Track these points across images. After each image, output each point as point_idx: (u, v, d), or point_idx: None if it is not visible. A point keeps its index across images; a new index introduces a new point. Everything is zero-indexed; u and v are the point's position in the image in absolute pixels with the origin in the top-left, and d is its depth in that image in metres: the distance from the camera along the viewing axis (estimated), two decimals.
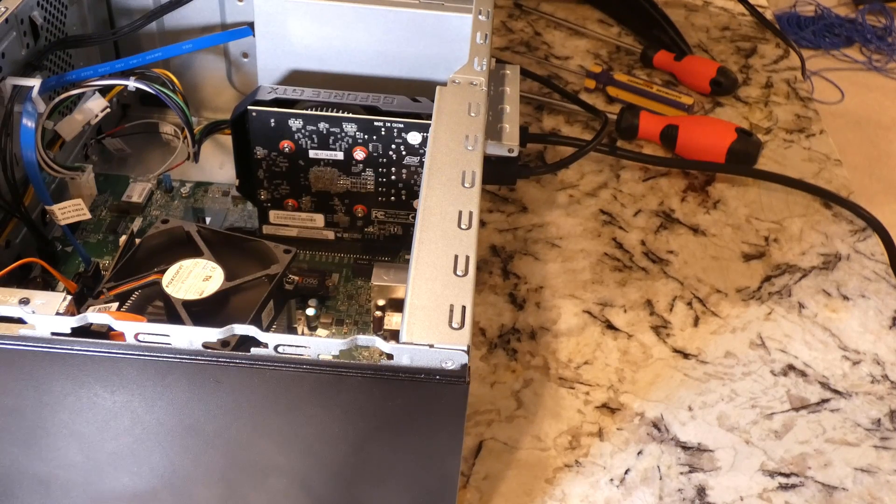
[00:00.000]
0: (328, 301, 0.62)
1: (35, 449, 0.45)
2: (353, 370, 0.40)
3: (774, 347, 0.64)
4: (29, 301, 0.47)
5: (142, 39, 0.71)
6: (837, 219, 0.75)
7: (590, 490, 0.55)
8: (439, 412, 0.42)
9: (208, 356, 0.40)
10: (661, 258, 0.71)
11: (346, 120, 0.59)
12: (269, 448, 0.45)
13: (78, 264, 0.62)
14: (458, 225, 0.45)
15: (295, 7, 0.64)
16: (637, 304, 0.67)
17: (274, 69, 0.67)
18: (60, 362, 0.41)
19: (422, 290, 0.42)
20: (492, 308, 0.66)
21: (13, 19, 0.59)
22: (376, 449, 0.44)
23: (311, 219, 0.64)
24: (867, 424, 0.59)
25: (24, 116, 0.57)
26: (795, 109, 0.88)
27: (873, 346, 0.65)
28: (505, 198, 0.75)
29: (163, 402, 0.42)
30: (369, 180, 0.61)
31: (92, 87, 0.62)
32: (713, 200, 0.76)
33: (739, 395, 0.61)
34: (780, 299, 0.68)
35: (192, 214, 0.68)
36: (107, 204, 0.68)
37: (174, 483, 0.47)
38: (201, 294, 0.51)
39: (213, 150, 0.73)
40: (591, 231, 0.73)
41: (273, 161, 0.61)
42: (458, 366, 0.40)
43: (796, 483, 0.56)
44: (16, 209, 0.59)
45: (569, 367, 0.62)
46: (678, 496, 0.55)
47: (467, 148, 0.50)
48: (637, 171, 0.79)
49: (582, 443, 0.57)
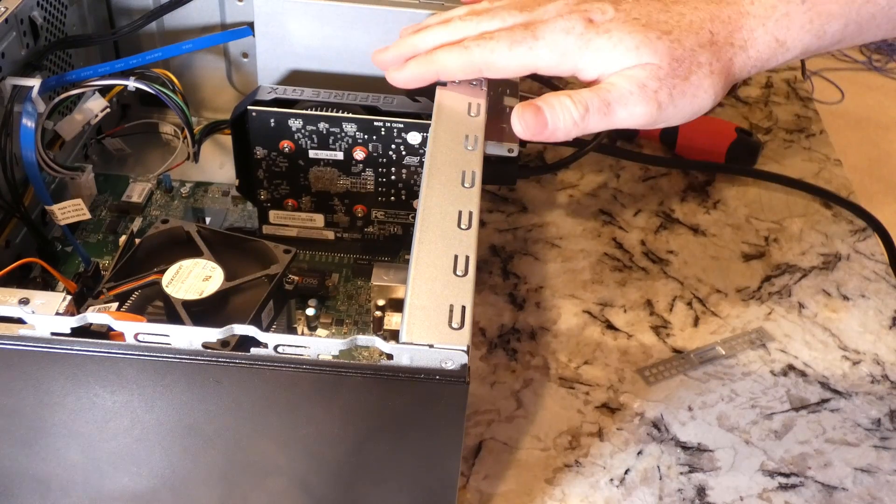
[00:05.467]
0: (328, 301, 0.62)
1: (35, 449, 0.45)
2: (352, 370, 0.40)
3: (774, 347, 0.64)
4: (29, 301, 0.47)
5: (142, 39, 0.71)
6: (837, 219, 0.75)
7: (590, 490, 0.55)
8: (439, 412, 0.42)
9: (208, 356, 0.40)
10: (661, 258, 0.71)
11: (345, 120, 0.59)
12: (268, 448, 0.45)
13: (78, 264, 0.62)
14: (458, 225, 0.45)
15: (295, 7, 0.64)
16: (637, 304, 0.67)
17: (274, 69, 0.67)
18: (60, 362, 0.41)
19: (421, 290, 0.42)
20: (492, 308, 0.66)
21: (13, 19, 0.59)
22: (376, 449, 0.44)
23: (310, 219, 0.64)
24: (867, 424, 0.59)
25: (24, 116, 0.57)
26: (795, 109, 0.88)
27: (873, 346, 0.65)
28: (505, 198, 0.75)
29: (162, 403, 0.42)
30: (369, 180, 0.61)
31: (92, 87, 0.62)
32: (713, 200, 0.76)
33: (739, 395, 0.61)
34: (780, 299, 0.68)
35: (192, 214, 0.68)
36: (107, 204, 0.68)
37: (174, 483, 0.47)
38: (201, 294, 0.51)
39: (213, 150, 0.73)
40: (591, 231, 0.73)
41: (273, 161, 0.61)
42: (457, 366, 0.40)
43: (796, 483, 0.56)
44: (16, 209, 0.59)
45: (569, 367, 0.62)
46: (678, 496, 0.55)
47: (467, 148, 0.50)
48: (637, 171, 0.79)
49: (582, 443, 0.57)
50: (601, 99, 0.51)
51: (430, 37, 0.55)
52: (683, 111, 0.52)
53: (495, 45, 0.52)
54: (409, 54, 0.55)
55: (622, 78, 0.51)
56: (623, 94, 0.50)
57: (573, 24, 0.51)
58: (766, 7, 0.51)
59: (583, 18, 0.51)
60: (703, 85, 0.51)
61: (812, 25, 0.51)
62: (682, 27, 0.51)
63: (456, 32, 0.55)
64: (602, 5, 0.52)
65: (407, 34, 0.58)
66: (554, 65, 0.52)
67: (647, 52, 0.50)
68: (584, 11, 0.52)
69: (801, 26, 0.51)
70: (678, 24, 0.51)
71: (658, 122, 0.52)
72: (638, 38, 0.50)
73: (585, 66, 0.52)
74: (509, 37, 0.52)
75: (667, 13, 0.51)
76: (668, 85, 0.50)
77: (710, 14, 0.51)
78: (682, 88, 0.51)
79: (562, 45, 0.51)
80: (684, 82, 0.50)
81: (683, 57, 0.50)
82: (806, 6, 0.50)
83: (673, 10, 0.52)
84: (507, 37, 0.52)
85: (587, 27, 0.51)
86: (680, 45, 0.50)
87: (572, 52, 0.51)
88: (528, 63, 0.52)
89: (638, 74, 0.50)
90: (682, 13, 0.51)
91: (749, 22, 0.51)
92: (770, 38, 0.51)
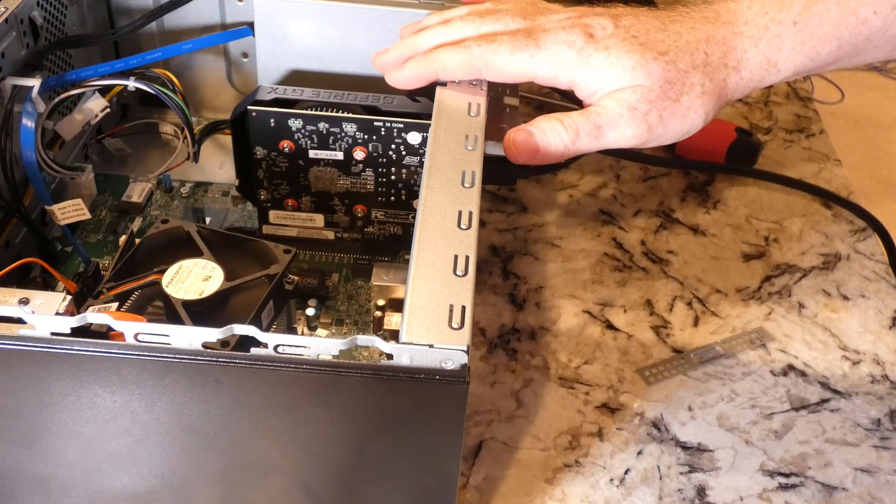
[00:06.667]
0: (328, 301, 0.62)
1: (35, 449, 0.45)
2: (352, 370, 0.40)
3: (774, 347, 0.64)
4: (29, 301, 0.47)
5: (142, 39, 0.71)
6: (837, 219, 0.75)
7: (590, 490, 0.55)
8: (439, 412, 0.42)
9: (208, 356, 0.40)
10: (661, 258, 0.71)
11: (345, 120, 0.59)
12: (268, 448, 0.45)
13: (78, 264, 0.62)
14: (458, 225, 0.45)
15: (295, 7, 0.64)
16: (637, 304, 0.67)
17: (274, 69, 0.67)
18: (60, 362, 0.41)
19: (421, 290, 0.42)
20: (492, 308, 0.66)
21: (13, 19, 0.59)
22: (376, 449, 0.44)
23: (310, 219, 0.64)
24: (867, 424, 0.59)
25: (23, 116, 0.57)
26: (795, 109, 0.88)
27: (873, 346, 0.65)
28: (505, 198, 0.75)
29: (162, 403, 0.42)
30: (369, 180, 0.61)
31: (92, 87, 0.62)
32: (713, 200, 0.76)
33: (739, 395, 0.61)
34: (780, 299, 0.68)
35: (192, 214, 0.68)
36: (107, 204, 0.68)
37: (174, 483, 0.47)
38: (201, 294, 0.51)
39: (213, 150, 0.73)
40: (591, 231, 0.73)
41: (273, 161, 0.61)
42: (457, 366, 0.40)
43: (796, 483, 0.56)
44: (16, 209, 0.59)
45: (569, 367, 0.62)
46: (678, 496, 0.55)
47: (467, 148, 0.50)
48: (637, 171, 0.79)
49: (582, 443, 0.57)
50: (591, 123, 0.51)
51: (431, 37, 0.55)
52: (674, 131, 0.52)
53: (497, 47, 0.52)
54: (410, 55, 0.55)
55: (613, 101, 0.51)
56: (613, 117, 0.51)
57: (574, 38, 0.52)
58: (759, 28, 0.51)
59: (584, 33, 0.52)
60: (693, 106, 0.51)
61: (804, 47, 0.51)
62: (678, 47, 0.51)
63: (457, 32, 0.55)
64: (603, 20, 0.52)
65: (407, 34, 0.58)
66: (552, 76, 0.52)
67: (642, 74, 0.50)
68: (586, 26, 0.52)
69: (792, 48, 0.51)
70: (675, 44, 0.51)
71: (649, 142, 0.52)
72: (635, 58, 0.51)
73: (582, 81, 0.52)
74: (512, 41, 0.52)
75: (664, 32, 0.52)
76: (659, 107, 0.51)
77: (706, 34, 0.52)
78: (673, 109, 0.51)
79: (562, 58, 0.52)
80: (675, 104, 0.51)
81: (676, 79, 0.51)
82: (797, 28, 0.51)
83: (670, 29, 0.52)
84: (509, 41, 0.52)
85: (587, 42, 0.51)
86: (674, 66, 0.51)
87: (571, 65, 0.52)
88: (528, 70, 0.52)
89: (628, 98, 0.51)
90: (680, 32, 0.52)
91: (742, 42, 0.51)
92: (762, 59, 0.51)
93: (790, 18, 0.51)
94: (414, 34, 0.57)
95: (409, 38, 0.57)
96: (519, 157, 0.53)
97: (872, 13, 0.50)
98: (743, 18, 0.51)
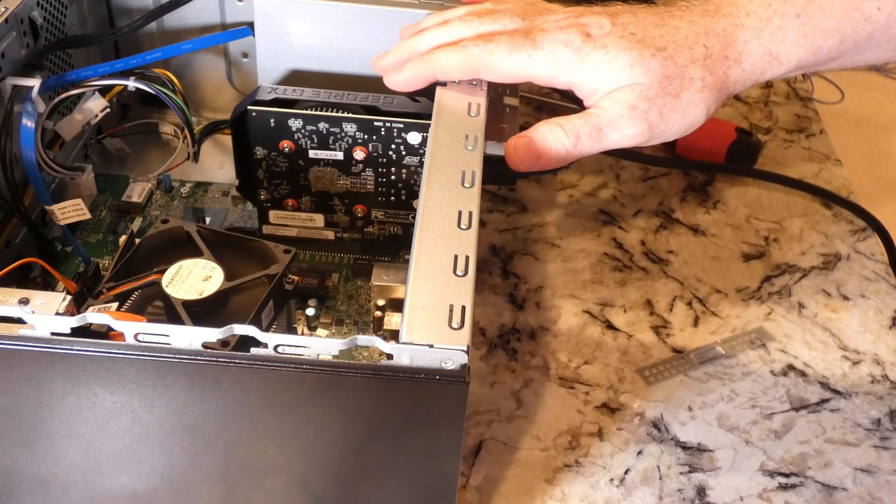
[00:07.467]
0: (328, 301, 0.62)
1: (34, 449, 0.45)
2: (352, 370, 0.40)
3: (774, 347, 0.64)
4: (28, 301, 0.47)
5: (142, 39, 0.71)
6: (837, 219, 0.75)
7: (590, 490, 0.55)
8: (439, 412, 0.42)
9: (208, 356, 0.40)
10: (661, 258, 0.71)
11: (345, 120, 0.59)
12: (268, 448, 0.45)
13: (78, 264, 0.62)
14: (458, 225, 0.45)
15: (295, 7, 0.64)
16: (637, 304, 0.67)
17: (274, 69, 0.67)
18: (60, 362, 0.41)
19: (421, 290, 0.42)
20: (492, 308, 0.66)
21: (13, 19, 0.59)
22: (376, 449, 0.44)
23: (310, 219, 0.64)
24: (867, 424, 0.59)
25: (23, 116, 0.57)
26: (795, 109, 0.88)
27: (873, 346, 0.65)
28: (505, 198, 0.75)
29: (162, 403, 0.42)
30: (369, 180, 0.61)
31: (92, 87, 0.62)
32: (713, 200, 0.76)
33: (739, 395, 0.61)
34: (780, 299, 0.68)
35: (192, 214, 0.68)
36: (107, 204, 0.68)
37: (174, 483, 0.47)
38: (201, 294, 0.51)
39: (213, 150, 0.73)
40: (591, 231, 0.73)
41: (273, 161, 0.61)
42: (457, 366, 0.40)
43: (796, 483, 0.56)
44: (16, 209, 0.59)
45: (569, 367, 0.62)
46: (678, 496, 0.55)
47: (467, 148, 0.50)
48: (637, 171, 0.79)
49: (582, 443, 0.57)
50: (592, 125, 0.51)
51: (429, 38, 0.55)
52: (675, 127, 0.52)
53: (494, 47, 0.52)
54: (409, 57, 0.55)
55: (612, 101, 0.51)
56: (613, 117, 0.51)
57: (572, 38, 0.51)
58: (761, 19, 0.51)
59: (581, 32, 0.51)
60: (694, 100, 0.51)
61: (806, 40, 0.51)
62: (676, 42, 0.51)
63: (455, 33, 0.55)
64: (600, 19, 0.52)
65: (406, 35, 0.58)
66: (550, 76, 0.52)
67: (640, 71, 0.50)
68: (583, 25, 0.52)
69: (794, 40, 0.51)
70: (673, 39, 0.51)
71: (651, 140, 0.52)
72: (633, 56, 0.50)
73: (580, 80, 0.52)
74: (509, 41, 0.52)
75: (662, 27, 0.52)
76: (659, 104, 0.51)
77: (706, 27, 0.51)
78: (673, 106, 0.51)
79: (559, 58, 0.51)
80: (675, 100, 0.51)
81: (675, 74, 0.50)
82: (800, 20, 0.50)
83: (669, 24, 0.52)
84: (507, 41, 0.52)
85: (584, 41, 0.51)
86: (673, 62, 0.50)
87: (569, 65, 0.51)
88: (525, 70, 0.52)
89: (627, 97, 0.51)
90: (678, 27, 0.52)
91: (743, 34, 0.51)
92: (764, 51, 0.51)
93: (793, 11, 0.50)
94: (413, 36, 0.57)
95: (407, 39, 0.57)
96: (521, 165, 0.53)
97: (876, 9, 0.50)
98: (745, 10, 0.51)
